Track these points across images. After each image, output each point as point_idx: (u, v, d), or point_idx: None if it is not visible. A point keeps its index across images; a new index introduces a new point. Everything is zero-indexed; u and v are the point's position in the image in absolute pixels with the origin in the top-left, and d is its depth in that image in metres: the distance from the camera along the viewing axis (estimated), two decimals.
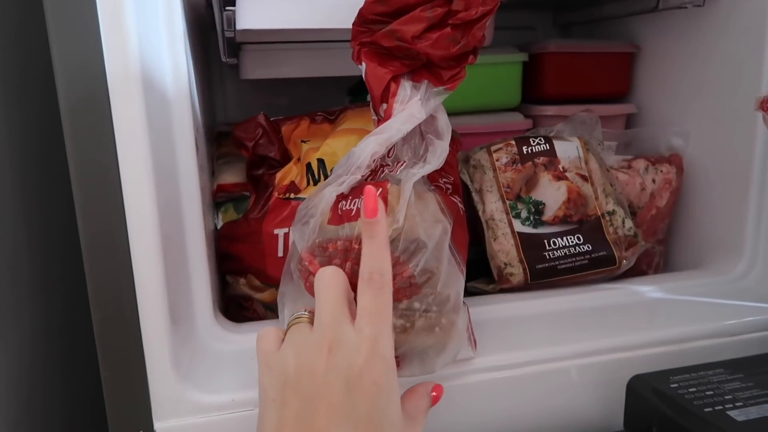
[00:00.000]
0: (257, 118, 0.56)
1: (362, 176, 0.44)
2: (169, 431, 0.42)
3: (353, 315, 0.36)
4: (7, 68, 0.51)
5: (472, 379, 0.49)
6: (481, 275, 0.61)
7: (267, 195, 0.54)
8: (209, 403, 0.42)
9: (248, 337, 0.49)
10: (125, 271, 0.39)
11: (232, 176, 0.62)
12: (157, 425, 0.42)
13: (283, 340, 0.37)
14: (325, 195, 0.43)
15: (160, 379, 0.41)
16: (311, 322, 0.37)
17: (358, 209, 0.41)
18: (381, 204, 0.39)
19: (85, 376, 0.44)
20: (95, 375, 0.41)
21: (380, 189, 0.42)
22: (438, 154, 0.45)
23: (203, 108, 0.58)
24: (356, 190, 0.43)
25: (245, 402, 0.43)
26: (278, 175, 0.54)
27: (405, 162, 0.45)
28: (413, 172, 0.43)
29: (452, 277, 0.43)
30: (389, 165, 0.46)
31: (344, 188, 0.43)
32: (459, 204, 0.49)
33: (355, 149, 0.43)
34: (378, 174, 0.45)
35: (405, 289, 0.41)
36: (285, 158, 0.56)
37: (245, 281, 0.57)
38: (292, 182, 0.54)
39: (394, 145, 0.45)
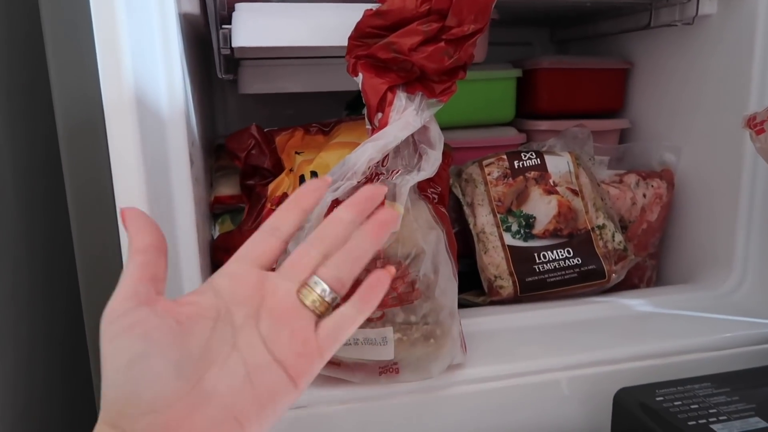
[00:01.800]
0: (249, 129, 0.58)
1: (358, 182, 0.45)
2: None
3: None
4: (15, 82, 0.53)
5: (461, 390, 0.50)
6: (472, 287, 0.62)
7: (260, 206, 0.55)
8: None
9: None
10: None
11: (229, 188, 0.63)
12: None
13: None
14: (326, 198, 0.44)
15: None
16: None
17: None
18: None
19: (85, 382, 0.45)
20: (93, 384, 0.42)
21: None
22: (432, 162, 0.46)
23: (201, 122, 0.59)
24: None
25: None
26: (271, 186, 0.56)
27: (400, 170, 0.47)
28: (408, 178, 0.45)
29: (449, 285, 0.46)
30: (383, 174, 0.47)
31: (339, 194, 0.44)
32: (446, 213, 0.51)
33: (350, 155, 0.45)
34: (374, 181, 0.46)
35: (408, 294, 0.43)
36: (278, 169, 0.57)
37: None
38: (285, 194, 0.55)
39: (388, 154, 0.47)
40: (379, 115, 0.47)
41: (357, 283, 0.32)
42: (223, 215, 0.64)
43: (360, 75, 0.47)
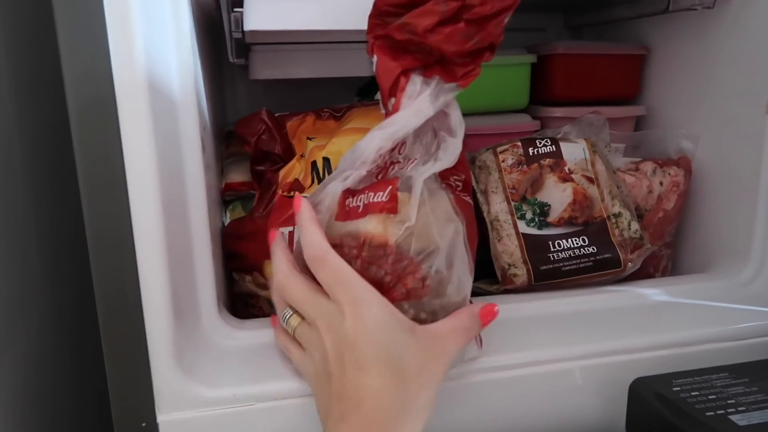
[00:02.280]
0: (259, 113, 0.57)
1: (368, 171, 0.44)
2: (172, 424, 0.43)
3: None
4: (20, 66, 0.53)
5: (476, 378, 0.49)
6: (485, 276, 0.61)
7: (271, 193, 0.55)
8: (211, 398, 0.43)
9: (252, 333, 0.50)
10: (130, 267, 0.40)
11: (239, 175, 0.63)
12: (160, 418, 0.43)
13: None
14: (330, 191, 0.43)
15: (162, 372, 0.42)
16: (299, 315, 0.42)
17: (365, 205, 0.42)
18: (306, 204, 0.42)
19: (94, 371, 0.45)
20: (103, 370, 0.42)
21: (390, 186, 0.42)
22: (450, 151, 0.44)
23: (212, 107, 0.59)
24: (362, 190, 0.43)
25: (246, 397, 0.44)
26: (282, 173, 0.55)
27: (416, 159, 0.45)
28: (423, 169, 0.43)
29: (463, 280, 0.43)
30: (400, 162, 0.45)
31: (349, 183, 0.43)
32: (470, 202, 0.49)
33: (360, 143, 0.43)
34: (388, 171, 0.45)
35: (417, 290, 0.41)
36: (289, 154, 0.57)
37: (251, 279, 0.58)
38: (296, 180, 0.55)
39: (404, 141, 0.45)
40: (392, 100, 0.45)
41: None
42: (234, 202, 0.64)
43: (375, 57, 0.45)
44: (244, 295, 0.60)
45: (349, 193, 0.43)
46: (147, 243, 0.40)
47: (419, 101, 0.43)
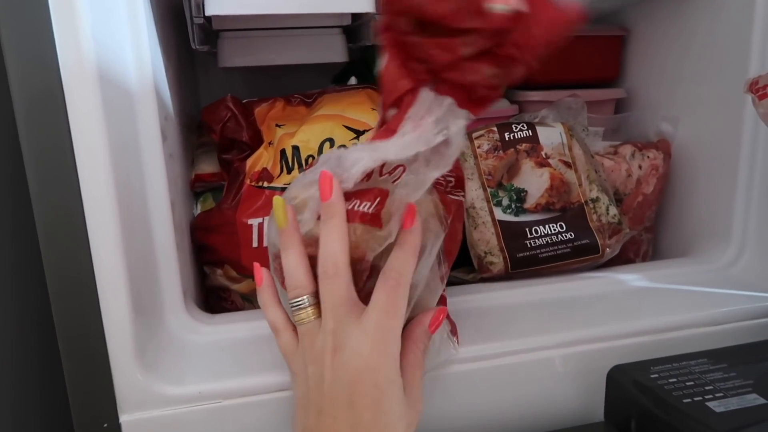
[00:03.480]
0: (225, 100, 0.55)
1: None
2: (135, 425, 0.41)
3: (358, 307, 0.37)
4: None
5: (452, 370, 0.48)
6: (462, 265, 0.60)
7: (239, 183, 0.53)
8: (175, 396, 0.42)
9: (220, 328, 0.48)
10: (85, 263, 0.39)
11: (210, 165, 0.61)
12: (122, 418, 0.41)
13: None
14: (315, 196, 0.39)
15: (123, 371, 0.41)
16: (316, 309, 0.37)
17: (350, 211, 0.38)
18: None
19: (58, 371, 0.44)
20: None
21: (378, 198, 0.38)
22: (445, 162, 0.38)
23: (178, 95, 0.57)
24: (351, 192, 0.39)
25: (213, 394, 0.42)
26: (249, 161, 0.53)
27: (404, 168, 0.40)
28: (405, 194, 0.38)
29: (431, 291, 0.42)
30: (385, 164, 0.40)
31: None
32: (461, 198, 0.46)
33: (347, 155, 0.39)
34: (373, 175, 0.40)
35: None
36: (257, 142, 0.55)
37: (222, 272, 0.56)
38: (265, 169, 0.53)
39: None
40: (393, 110, 0.39)
41: None
42: (204, 193, 0.62)
43: (384, 57, 0.39)
44: (216, 289, 0.58)
45: None
46: (102, 237, 0.39)
47: (423, 128, 0.37)
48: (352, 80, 0.79)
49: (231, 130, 0.54)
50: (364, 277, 0.38)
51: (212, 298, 0.59)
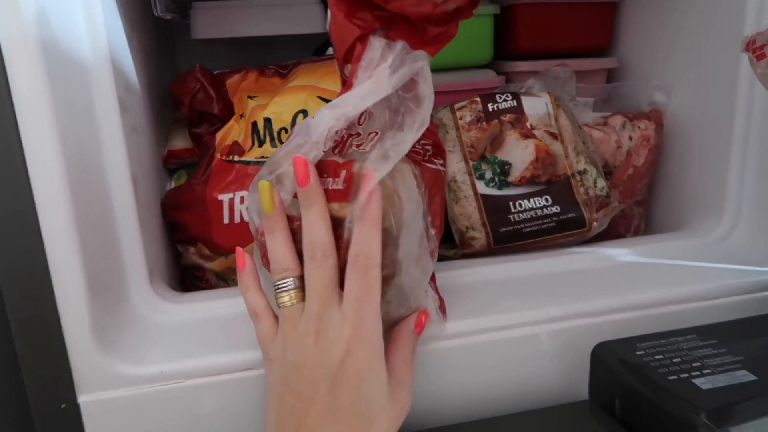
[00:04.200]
0: (193, 70, 0.53)
1: (323, 152, 0.38)
2: (94, 405, 0.40)
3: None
4: None
5: (434, 346, 0.47)
6: (443, 240, 0.58)
7: (209, 156, 0.51)
8: (136, 375, 0.40)
9: (188, 307, 0.47)
10: (35, 239, 0.37)
11: (183, 141, 0.59)
12: (81, 399, 0.40)
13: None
14: (290, 172, 0.37)
15: (80, 350, 0.39)
16: (300, 293, 0.36)
17: (339, 190, 0.37)
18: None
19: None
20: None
21: (344, 171, 0.37)
22: (416, 126, 0.38)
23: (146, 68, 0.55)
24: (322, 167, 0.38)
25: (175, 374, 0.41)
26: (219, 135, 0.51)
27: (378, 133, 0.39)
28: (378, 154, 0.37)
29: (422, 268, 0.40)
30: (360, 135, 0.40)
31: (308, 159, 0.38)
32: (439, 168, 0.44)
33: (311, 121, 0.38)
34: (345, 147, 0.39)
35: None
36: (228, 114, 0.53)
37: (195, 251, 0.54)
38: (236, 142, 0.51)
39: (364, 112, 0.39)
40: (348, 66, 0.39)
41: None
42: (179, 170, 0.60)
43: (329, 13, 0.38)
44: (190, 268, 0.57)
45: None
46: (51, 212, 0.37)
47: (377, 75, 0.37)
48: (330, 51, 0.77)
49: (200, 102, 0.52)
50: (341, 253, 0.36)
51: (187, 278, 0.58)
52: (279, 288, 0.37)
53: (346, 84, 0.38)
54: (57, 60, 0.37)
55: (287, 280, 0.36)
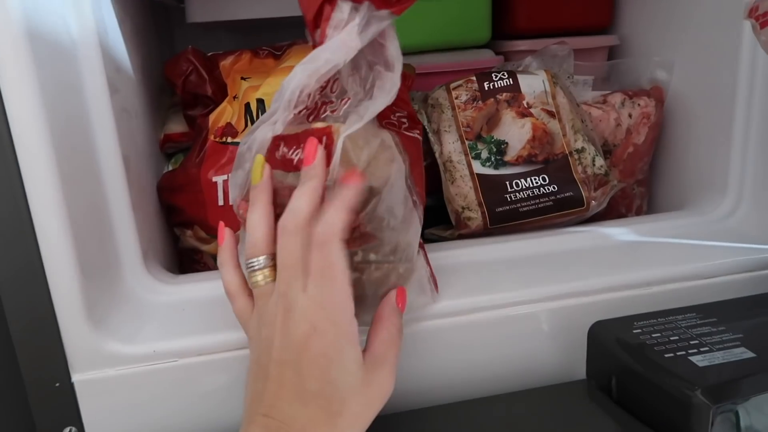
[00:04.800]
0: (186, 52, 0.53)
1: (294, 115, 0.39)
2: (88, 384, 0.40)
3: None
4: None
5: (429, 325, 0.46)
6: (439, 222, 0.58)
7: (202, 138, 0.51)
8: (128, 354, 0.41)
9: (182, 288, 0.47)
10: (25, 218, 0.37)
11: (179, 125, 0.59)
12: (75, 377, 0.40)
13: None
14: (258, 137, 0.39)
15: (73, 330, 0.39)
16: (273, 271, 0.36)
17: (299, 160, 0.37)
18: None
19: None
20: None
21: (324, 136, 0.37)
22: (388, 88, 0.39)
23: (140, 51, 0.55)
24: (295, 137, 0.39)
25: (168, 353, 0.41)
26: (212, 117, 0.51)
27: (350, 99, 0.40)
28: (352, 119, 0.38)
29: (408, 222, 0.40)
30: (333, 102, 0.41)
31: (278, 128, 0.39)
32: (417, 137, 0.45)
33: (284, 81, 0.39)
34: (320, 112, 0.41)
35: (356, 240, 0.38)
36: (221, 96, 0.53)
37: (192, 233, 0.55)
38: (229, 124, 0.51)
39: (336, 78, 0.41)
40: (318, 31, 0.39)
41: None
42: (176, 155, 0.60)
43: None
44: (188, 251, 0.57)
45: (281, 140, 0.39)
46: (40, 192, 0.37)
47: (346, 32, 0.38)
48: None
49: (193, 84, 0.52)
50: None
51: (186, 261, 0.58)
52: (251, 267, 0.36)
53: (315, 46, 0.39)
54: (42, 41, 0.37)
55: (257, 258, 0.36)
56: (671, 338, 0.44)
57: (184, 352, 0.41)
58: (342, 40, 0.38)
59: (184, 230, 0.55)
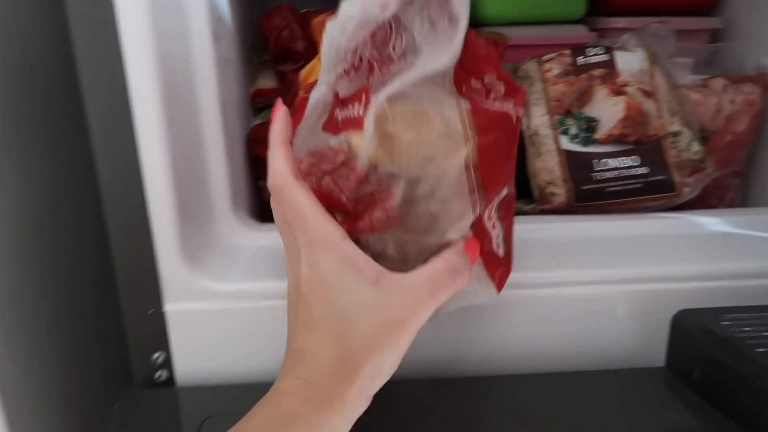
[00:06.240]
0: (280, 7, 0.53)
1: (345, 70, 0.34)
2: (179, 314, 0.42)
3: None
4: None
5: (504, 295, 0.46)
6: (521, 197, 0.57)
7: (292, 94, 0.52)
8: (218, 291, 0.42)
9: (267, 235, 0.48)
10: (133, 157, 0.39)
11: (270, 81, 0.60)
12: (167, 307, 0.42)
13: None
14: (314, 96, 0.35)
15: (169, 263, 0.41)
16: None
17: (344, 119, 0.33)
18: (282, 111, 0.36)
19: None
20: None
21: (363, 95, 0.32)
22: (447, 45, 0.32)
23: (237, 3, 0.56)
24: (352, 95, 0.33)
25: (253, 293, 0.43)
26: (302, 72, 0.52)
27: (405, 60, 0.33)
28: (397, 81, 0.32)
29: (454, 217, 0.34)
30: (394, 61, 0.33)
31: (323, 90, 0.34)
32: (509, 112, 0.36)
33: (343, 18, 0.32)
34: (374, 72, 0.33)
35: (382, 221, 0.33)
36: (312, 53, 0.53)
37: None
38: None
39: (400, 35, 0.33)
40: None
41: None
42: (264, 110, 0.61)
43: None
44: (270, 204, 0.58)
45: (338, 100, 0.34)
46: (149, 135, 0.39)
47: None
48: None
49: (286, 40, 0.53)
50: (353, 184, 0.33)
51: (267, 213, 0.59)
52: None
53: None
54: None
55: None
56: (763, 333, 0.42)
57: (269, 294, 0.43)
58: None
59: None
